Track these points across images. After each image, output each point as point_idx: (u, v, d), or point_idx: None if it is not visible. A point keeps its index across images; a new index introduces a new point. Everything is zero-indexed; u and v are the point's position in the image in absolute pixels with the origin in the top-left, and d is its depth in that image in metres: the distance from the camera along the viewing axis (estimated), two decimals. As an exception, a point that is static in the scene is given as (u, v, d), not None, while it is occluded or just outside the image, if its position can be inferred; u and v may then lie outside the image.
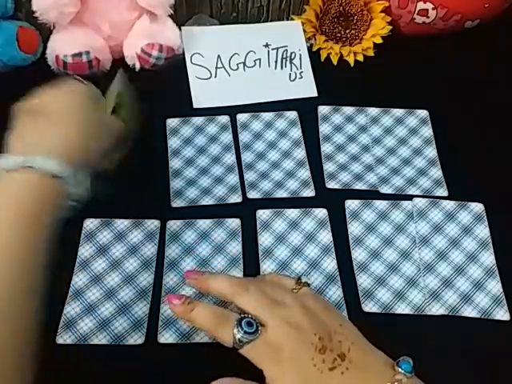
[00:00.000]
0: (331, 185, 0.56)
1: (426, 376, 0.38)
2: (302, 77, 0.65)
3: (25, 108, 0.46)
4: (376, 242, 0.52)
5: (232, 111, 0.62)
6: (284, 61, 0.66)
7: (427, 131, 0.60)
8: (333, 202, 0.55)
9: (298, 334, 0.38)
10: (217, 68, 0.64)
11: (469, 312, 0.49)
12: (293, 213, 0.54)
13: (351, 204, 0.55)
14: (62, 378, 0.45)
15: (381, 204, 0.55)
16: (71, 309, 0.48)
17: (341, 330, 0.39)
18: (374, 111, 0.62)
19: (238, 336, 0.38)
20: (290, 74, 0.65)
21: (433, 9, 0.63)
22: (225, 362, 0.46)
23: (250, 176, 0.57)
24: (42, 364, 0.45)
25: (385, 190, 0.56)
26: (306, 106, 0.62)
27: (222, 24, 0.68)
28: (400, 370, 0.37)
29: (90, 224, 0.53)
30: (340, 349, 0.38)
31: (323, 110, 0.62)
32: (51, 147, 0.42)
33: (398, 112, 0.62)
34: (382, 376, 0.37)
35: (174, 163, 0.58)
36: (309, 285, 0.43)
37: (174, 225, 0.53)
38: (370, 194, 0.55)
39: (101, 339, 0.46)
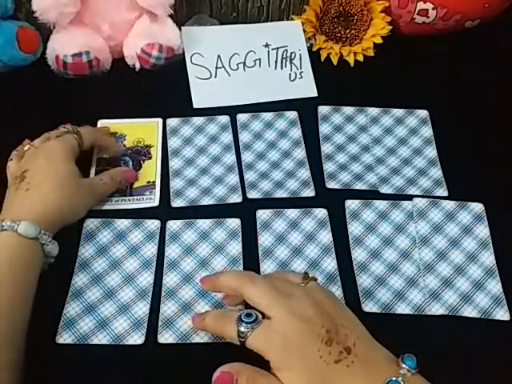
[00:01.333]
0: (331, 185, 0.56)
1: (426, 376, 0.38)
2: (302, 77, 0.65)
3: (11, 172, 0.51)
4: (376, 242, 0.52)
5: (232, 111, 0.62)
6: (284, 61, 0.66)
7: (427, 131, 0.60)
8: (333, 202, 0.55)
9: (305, 325, 0.38)
10: (217, 68, 0.64)
11: (469, 312, 0.48)
12: (293, 213, 0.54)
13: (351, 204, 0.55)
14: (62, 378, 0.45)
15: (381, 204, 0.55)
16: (71, 308, 0.48)
17: (347, 324, 0.40)
18: (373, 111, 0.62)
19: (240, 328, 0.39)
20: (289, 74, 0.65)
21: (433, 9, 0.63)
22: (224, 363, 0.46)
23: (250, 176, 0.57)
24: (42, 364, 0.45)
25: (385, 189, 0.56)
26: (306, 106, 0.62)
27: (222, 24, 0.68)
28: (404, 365, 0.37)
29: (90, 224, 0.53)
30: (346, 342, 0.38)
31: (323, 110, 0.62)
32: (28, 212, 0.46)
33: (398, 112, 0.62)
34: (386, 370, 0.38)
35: (174, 163, 0.58)
36: (315, 279, 0.43)
37: (173, 225, 0.53)
38: (370, 194, 0.55)
39: (101, 339, 0.46)
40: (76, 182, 0.50)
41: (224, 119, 0.61)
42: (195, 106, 0.62)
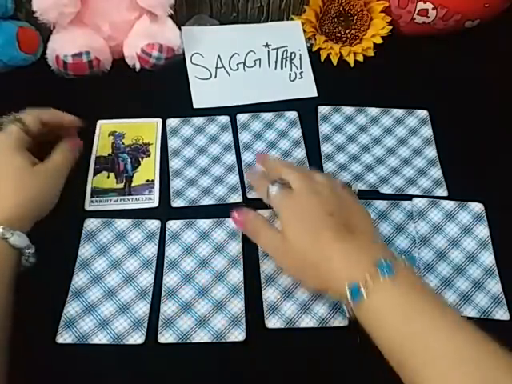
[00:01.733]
0: (331, 185, 0.56)
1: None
2: (302, 77, 0.65)
3: None
4: (376, 241, 0.52)
5: (232, 111, 0.62)
6: (284, 61, 0.66)
7: (427, 131, 0.60)
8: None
9: (318, 200, 0.45)
10: (217, 68, 0.64)
11: (469, 312, 0.49)
12: (293, 213, 0.54)
13: (351, 204, 0.55)
14: (62, 378, 0.45)
15: (381, 204, 0.55)
16: (71, 308, 0.48)
17: (358, 215, 0.45)
18: (373, 111, 0.62)
19: (270, 187, 0.47)
20: (289, 74, 0.65)
21: (433, 9, 0.63)
22: (224, 362, 0.46)
23: (250, 176, 0.57)
24: (42, 364, 0.45)
25: (385, 190, 0.56)
26: (306, 106, 0.62)
27: (222, 24, 0.68)
28: (401, 256, 0.40)
29: (90, 224, 0.53)
30: (349, 222, 0.44)
31: (323, 110, 0.62)
32: None
33: (398, 112, 0.62)
34: (380, 252, 0.40)
35: (174, 163, 0.58)
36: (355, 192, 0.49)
37: (174, 225, 0.53)
38: (370, 194, 0.55)
39: (101, 339, 0.46)
40: (29, 173, 0.48)
41: (224, 119, 0.61)
42: (195, 106, 0.62)
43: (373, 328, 0.39)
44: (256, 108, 0.62)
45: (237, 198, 0.55)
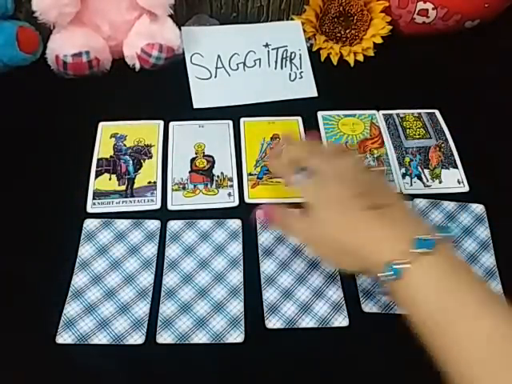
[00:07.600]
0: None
1: (426, 376, 0.38)
2: (301, 77, 0.65)
3: None
4: (376, 242, 0.52)
5: (232, 111, 0.61)
6: (284, 61, 0.66)
7: (427, 131, 0.60)
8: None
9: (342, 181, 0.43)
10: (217, 68, 0.64)
11: (469, 312, 0.48)
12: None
13: (351, 204, 0.55)
14: (62, 378, 0.45)
15: (381, 204, 0.55)
16: (71, 308, 0.48)
17: (385, 192, 0.43)
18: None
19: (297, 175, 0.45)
20: (289, 74, 0.65)
21: (433, 9, 0.63)
22: (224, 363, 0.46)
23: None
24: (42, 364, 0.45)
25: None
26: (306, 109, 0.62)
27: (222, 24, 0.68)
28: (439, 232, 0.38)
29: (90, 224, 0.53)
30: (377, 200, 0.41)
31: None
32: None
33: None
34: (417, 229, 0.38)
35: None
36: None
37: (174, 225, 0.53)
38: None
39: (101, 339, 0.46)
40: None
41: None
42: (195, 106, 0.62)
43: (407, 305, 0.39)
44: (256, 108, 0.62)
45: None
